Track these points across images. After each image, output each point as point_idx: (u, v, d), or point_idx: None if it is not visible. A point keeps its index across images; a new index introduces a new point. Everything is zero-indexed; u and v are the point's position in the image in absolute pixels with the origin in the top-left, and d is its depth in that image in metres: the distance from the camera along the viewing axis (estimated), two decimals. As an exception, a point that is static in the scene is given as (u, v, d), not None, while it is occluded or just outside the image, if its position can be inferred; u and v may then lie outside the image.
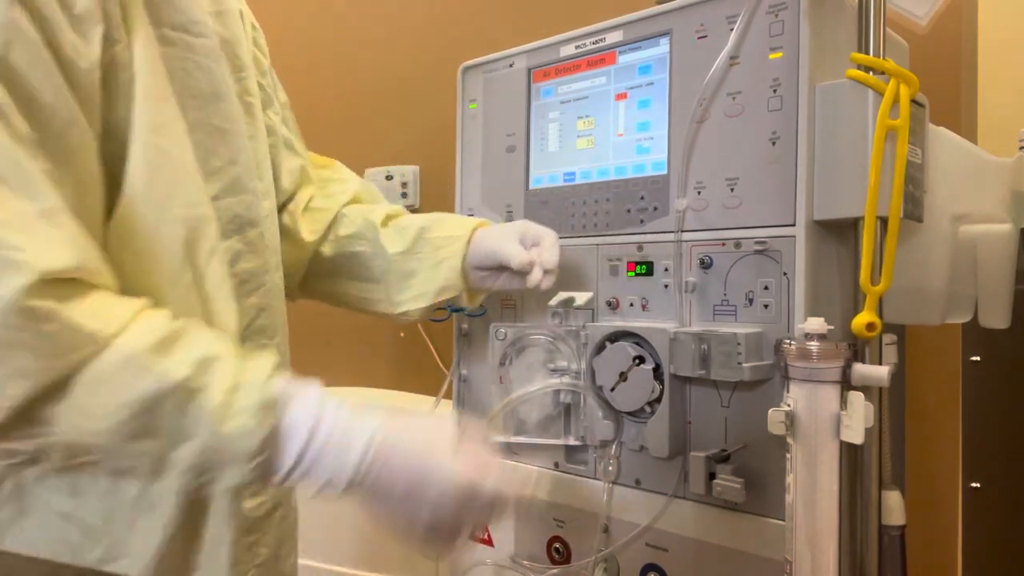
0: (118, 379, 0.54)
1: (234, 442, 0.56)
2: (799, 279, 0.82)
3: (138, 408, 0.54)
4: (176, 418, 0.55)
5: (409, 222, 0.98)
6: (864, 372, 0.73)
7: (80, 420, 0.54)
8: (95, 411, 0.54)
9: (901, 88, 0.78)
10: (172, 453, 0.56)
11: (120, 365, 0.54)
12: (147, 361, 0.55)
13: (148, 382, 0.55)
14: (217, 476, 0.58)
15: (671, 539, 0.92)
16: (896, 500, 0.84)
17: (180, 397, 0.55)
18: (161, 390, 0.55)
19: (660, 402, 0.90)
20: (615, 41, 1.00)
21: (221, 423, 0.56)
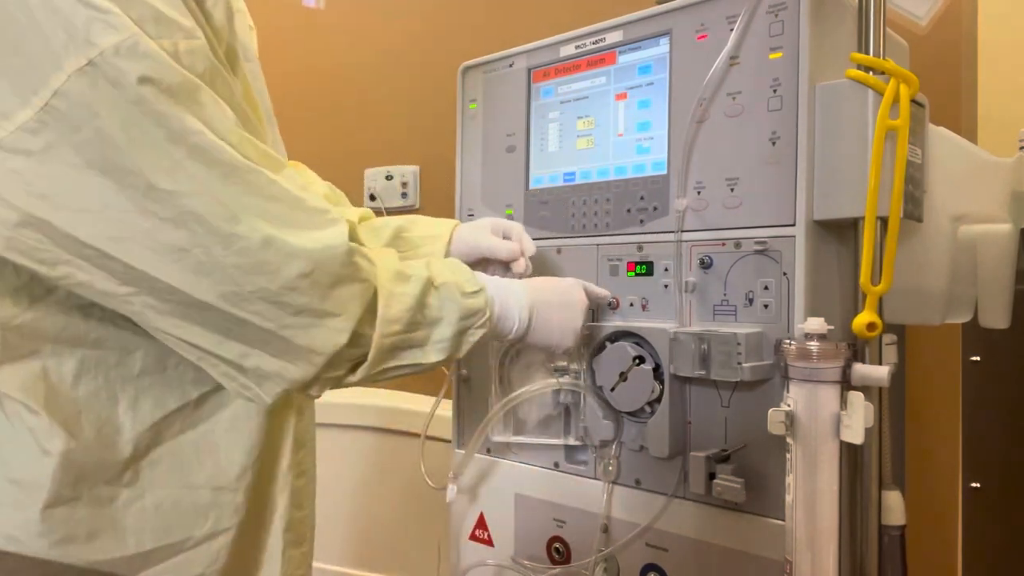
0: (397, 289, 0.70)
1: (475, 299, 0.75)
2: (799, 279, 0.82)
3: (415, 304, 0.71)
4: (434, 306, 0.73)
5: (382, 223, 1.03)
6: (864, 372, 0.73)
7: (385, 327, 0.68)
8: (392, 316, 0.69)
9: (901, 88, 0.78)
10: (436, 333, 0.73)
11: (395, 278, 0.70)
12: (406, 271, 0.72)
13: (416, 283, 0.72)
14: (468, 338, 0.75)
15: (671, 539, 0.92)
16: (896, 500, 0.84)
17: (431, 288, 0.73)
18: (423, 288, 0.72)
19: (660, 402, 0.90)
20: (615, 41, 1.00)
21: (464, 289, 0.75)
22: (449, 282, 0.74)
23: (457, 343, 0.74)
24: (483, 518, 1.13)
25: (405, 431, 1.57)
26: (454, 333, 0.73)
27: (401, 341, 0.70)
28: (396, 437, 1.61)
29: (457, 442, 1.17)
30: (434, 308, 0.73)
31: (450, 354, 0.74)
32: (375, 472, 1.68)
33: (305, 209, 0.63)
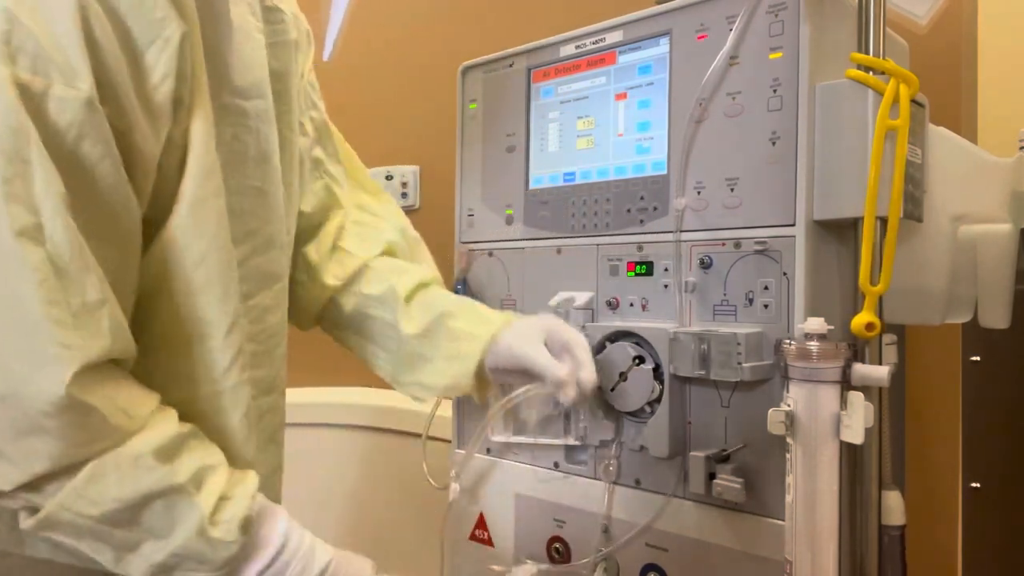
0: (123, 473, 0.58)
1: (213, 548, 0.60)
2: (799, 279, 0.82)
3: (132, 502, 0.58)
4: (162, 516, 0.59)
5: (435, 300, 0.91)
6: (864, 372, 0.73)
7: (74, 502, 0.57)
8: (92, 497, 0.57)
9: (901, 88, 0.78)
10: (144, 546, 0.59)
11: (129, 462, 0.58)
12: (152, 462, 0.59)
13: (149, 481, 0.58)
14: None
15: (671, 539, 0.92)
16: (896, 500, 0.84)
17: (172, 499, 0.59)
18: (158, 490, 0.58)
19: (660, 402, 0.90)
20: (615, 41, 1.00)
21: (207, 529, 0.60)
22: (198, 504, 0.59)
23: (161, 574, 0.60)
24: (483, 518, 1.13)
25: (404, 431, 1.57)
26: (162, 563, 0.60)
27: (91, 528, 0.58)
28: (395, 437, 1.61)
29: (457, 442, 1.17)
30: (162, 520, 0.59)
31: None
32: (374, 472, 1.68)
33: (38, 335, 0.53)
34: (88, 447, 0.56)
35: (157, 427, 0.60)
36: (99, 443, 0.57)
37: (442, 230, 1.29)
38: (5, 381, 0.53)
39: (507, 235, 1.11)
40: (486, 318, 0.89)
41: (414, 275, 0.92)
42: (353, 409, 1.65)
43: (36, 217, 0.53)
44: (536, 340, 0.84)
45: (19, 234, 0.52)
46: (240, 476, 0.64)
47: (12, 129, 0.52)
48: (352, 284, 0.92)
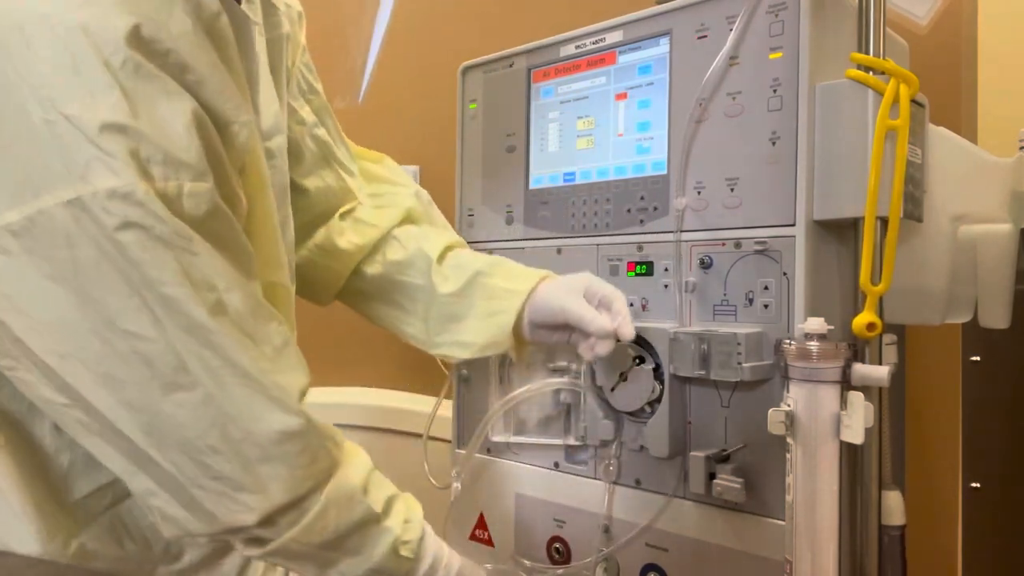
0: (341, 507, 0.66)
1: (399, 564, 0.70)
2: (799, 279, 0.82)
3: (345, 531, 0.67)
4: (362, 539, 0.68)
5: (468, 260, 0.93)
6: (864, 372, 0.73)
7: (304, 535, 0.64)
8: (317, 528, 0.65)
9: (901, 88, 0.78)
10: (342, 563, 0.68)
11: (346, 497, 0.67)
12: (361, 496, 0.68)
13: (359, 512, 0.67)
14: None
15: (671, 539, 0.92)
16: (896, 500, 0.84)
17: (372, 526, 0.68)
18: (365, 520, 0.68)
19: (660, 402, 0.90)
20: (615, 41, 1.00)
21: (398, 549, 0.70)
22: (392, 529, 0.70)
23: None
24: (483, 518, 1.13)
25: (404, 431, 1.57)
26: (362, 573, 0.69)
27: (308, 551, 0.66)
28: (395, 437, 1.61)
29: (457, 442, 1.17)
30: (361, 543, 0.69)
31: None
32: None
33: (256, 385, 0.61)
34: (316, 476, 0.64)
35: (355, 461, 0.69)
36: (322, 473, 0.65)
37: (442, 230, 1.29)
38: (238, 425, 0.60)
39: (507, 235, 1.11)
40: (523, 274, 0.91)
41: (441, 238, 0.96)
42: (353, 409, 1.65)
43: (216, 294, 0.59)
44: (576, 293, 0.86)
45: (211, 313, 0.58)
46: (410, 500, 0.74)
47: (173, 233, 0.57)
48: (375, 253, 0.96)
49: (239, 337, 0.60)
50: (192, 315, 0.58)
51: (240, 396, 0.60)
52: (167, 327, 0.57)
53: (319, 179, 0.94)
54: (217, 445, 0.59)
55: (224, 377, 0.59)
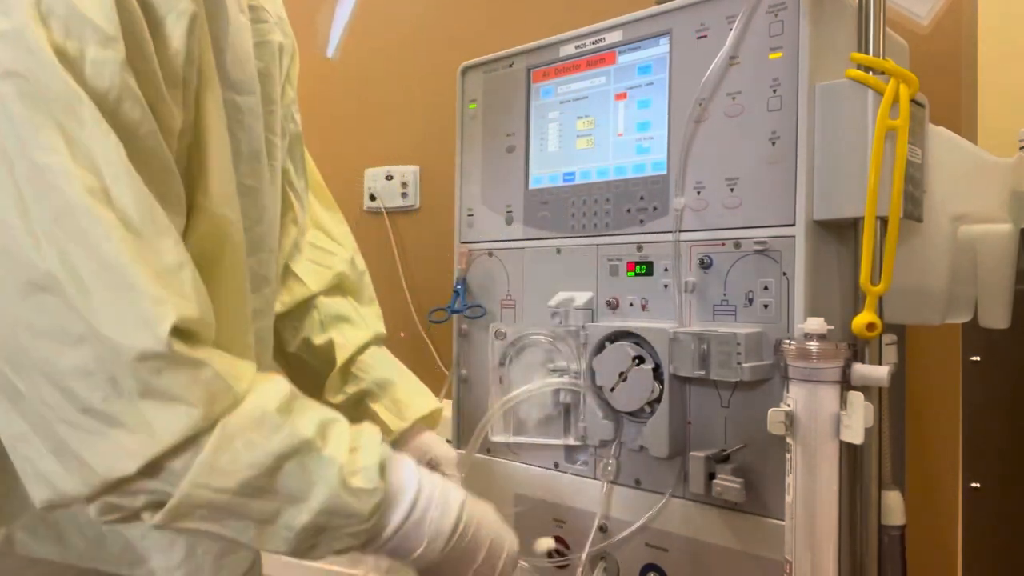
0: (251, 436, 0.54)
1: (357, 499, 0.57)
2: (799, 279, 0.82)
3: (267, 466, 0.54)
4: (297, 478, 0.55)
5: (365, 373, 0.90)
6: (864, 372, 0.73)
7: (206, 476, 0.52)
8: (224, 467, 0.53)
9: (901, 88, 0.78)
10: (284, 514, 0.55)
11: (254, 423, 0.54)
12: (278, 420, 0.55)
13: (279, 439, 0.54)
14: (326, 539, 0.57)
15: (671, 539, 0.92)
16: (896, 500, 0.84)
17: (305, 456, 0.55)
18: (291, 447, 0.55)
19: (660, 402, 0.90)
20: (615, 41, 1.00)
21: (347, 480, 0.56)
22: (334, 458, 0.56)
23: (309, 541, 0.57)
24: (483, 518, 1.13)
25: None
26: (307, 525, 0.55)
27: (229, 504, 0.53)
28: (396, 437, 1.61)
29: (457, 442, 1.17)
30: (298, 481, 0.55)
31: (293, 550, 0.57)
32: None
33: (133, 287, 0.50)
34: (210, 407, 0.52)
35: (268, 386, 0.57)
36: (219, 404, 0.53)
37: (442, 230, 1.29)
38: (104, 345, 0.49)
39: (507, 235, 1.11)
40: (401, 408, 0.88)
41: (353, 337, 0.91)
42: (353, 409, 1.65)
43: (99, 180, 0.50)
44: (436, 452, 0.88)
45: (89, 194, 0.50)
46: (360, 427, 0.61)
47: (61, 92, 0.49)
48: (297, 320, 0.92)
49: (119, 234, 0.50)
50: (65, 193, 0.49)
51: (109, 307, 0.50)
52: (32, 210, 0.49)
53: None
54: (84, 365, 0.49)
55: (91, 281, 0.49)
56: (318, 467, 0.55)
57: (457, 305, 1.14)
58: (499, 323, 1.07)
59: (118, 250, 0.50)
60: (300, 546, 0.56)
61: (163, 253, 0.53)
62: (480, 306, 1.13)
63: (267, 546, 0.56)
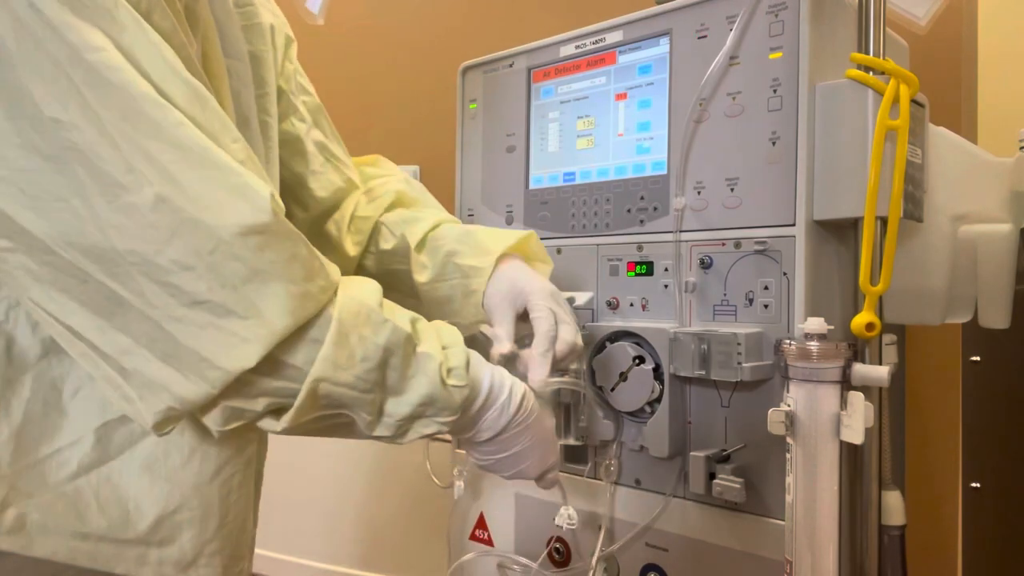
0: (362, 331, 0.56)
1: (450, 394, 0.61)
2: (799, 279, 0.82)
3: (379, 359, 0.57)
4: (400, 371, 0.59)
5: (442, 240, 0.90)
6: (864, 372, 0.73)
7: (330, 371, 0.54)
8: (343, 362, 0.55)
9: (901, 88, 0.78)
10: (389, 404, 0.59)
11: (363, 318, 0.56)
12: (382, 315, 0.58)
13: (385, 334, 0.57)
14: (419, 425, 0.61)
15: (671, 539, 0.92)
16: (896, 500, 0.84)
17: (407, 350, 0.59)
18: (396, 342, 0.58)
19: (660, 402, 0.90)
20: (615, 41, 1.00)
21: (444, 377, 0.61)
22: (433, 355, 0.60)
23: (404, 427, 0.61)
24: (483, 518, 1.13)
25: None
26: (408, 415, 0.60)
27: (345, 396, 0.56)
28: (396, 437, 1.61)
29: (457, 443, 1.17)
30: (400, 373, 0.59)
31: (390, 435, 0.61)
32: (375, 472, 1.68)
33: (221, 169, 0.50)
34: (307, 284, 0.53)
35: (359, 281, 0.60)
36: (315, 283, 0.54)
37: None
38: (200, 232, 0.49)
39: (507, 235, 1.11)
40: (486, 246, 0.87)
41: (425, 220, 0.91)
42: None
43: (150, 80, 0.50)
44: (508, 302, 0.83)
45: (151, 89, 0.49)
46: (439, 324, 0.65)
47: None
48: (370, 244, 0.94)
49: (186, 121, 0.50)
50: (128, 89, 0.48)
51: (198, 190, 0.49)
52: (100, 112, 0.48)
53: (324, 177, 0.92)
54: (183, 259, 0.49)
55: (174, 168, 0.49)
56: (418, 361, 0.59)
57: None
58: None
59: (194, 134, 0.50)
60: (396, 432, 0.61)
61: (230, 147, 0.53)
62: (480, 306, 1.13)
63: (376, 432, 0.60)
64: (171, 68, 0.51)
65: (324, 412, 0.57)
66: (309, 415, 0.56)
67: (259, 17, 0.78)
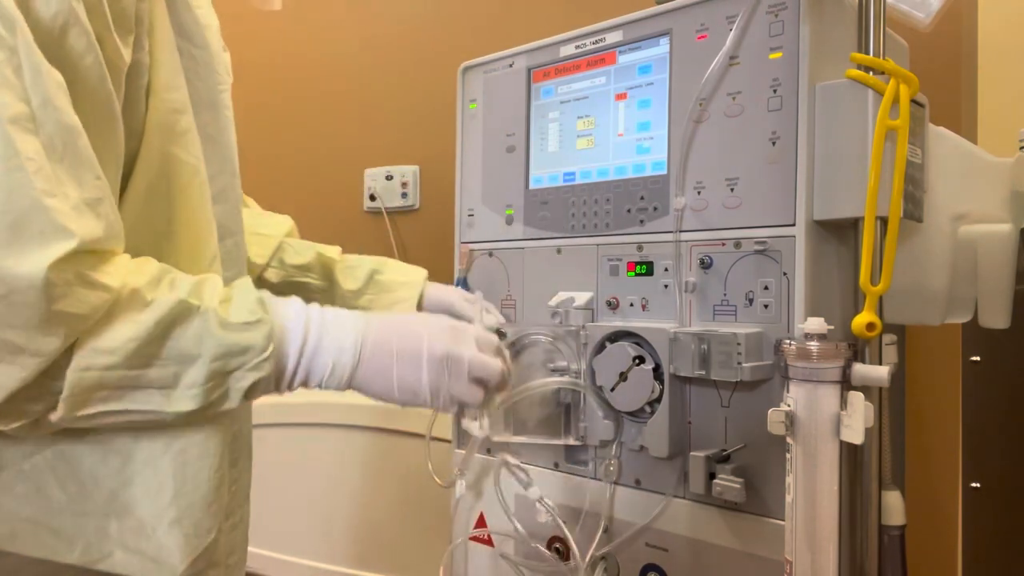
0: (126, 315, 0.57)
1: (245, 332, 0.60)
2: (799, 279, 0.82)
3: (151, 334, 0.57)
4: (184, 338, 0.59)
5: (357, 262, 1.03)
6: (864, 372, 0.73)
7: (92, 358, 0.56)
8: (106, 346, 0.56)
9: (901, 88, 0.78)
10: (185, 375, 0.59)
11: (125, 304, 0.57)
12: (148, 296, 0.58)
13: (155, 308, 0.58)
14: (233, 382, 0.61)
15: (671, 539, 0.92)
16: (896, 500, 0.84)
17: (185, 315, 0.59)
18: (169, 312, 0.58)
19: (660, 402, 0.90)
20: (615, 41, 1.00)
21: (226, 319, 0.60)
22: (209, 307, 0.60)
23: (216, 389, 0.60)
24: (483, 518, 1.13)
25: (405, 431, 1.57)
26: (208, 375, 0.59)
27: (124, 379, 0.57)
28: (395, 437, 1.61)
29: (457, 442, 1.17)
30: (185, 340, 0.59)
31: (205, 402, 0.60)
32: (374, 472, 1.68)
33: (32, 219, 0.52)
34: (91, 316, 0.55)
35: (143, 268, 0.60)
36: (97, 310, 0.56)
37: (442, 230, 1.29)
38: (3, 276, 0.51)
39: (507, 235, 1.11)
40: (408, 269, 1.04)
41: (329, 248, 1.04)
42: (354, 409, 1.65)
43: (27, 106, 0.52)
44: (458, 294, 1.03)
45: (11, 122, 0.51)
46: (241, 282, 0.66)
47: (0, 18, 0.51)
48: (272, 259, 1.02)
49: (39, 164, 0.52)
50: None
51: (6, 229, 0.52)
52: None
53: None
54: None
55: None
56: (199, 321, 0.59)
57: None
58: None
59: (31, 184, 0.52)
60: (210, 398, 0.60)
61: (84, 185, 0.55)
62: (480, 306, 1.13)
63: (178, 407, 0.59)
64: (52, 96, 0.54)
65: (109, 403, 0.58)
66: (89, 406, 0.57)
67: (211, 19, 0.80)
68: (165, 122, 0.66)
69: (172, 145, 0.67)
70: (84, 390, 0.56)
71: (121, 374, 0.57)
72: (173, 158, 0.67)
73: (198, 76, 0.72)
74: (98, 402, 0.57)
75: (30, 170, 0.52)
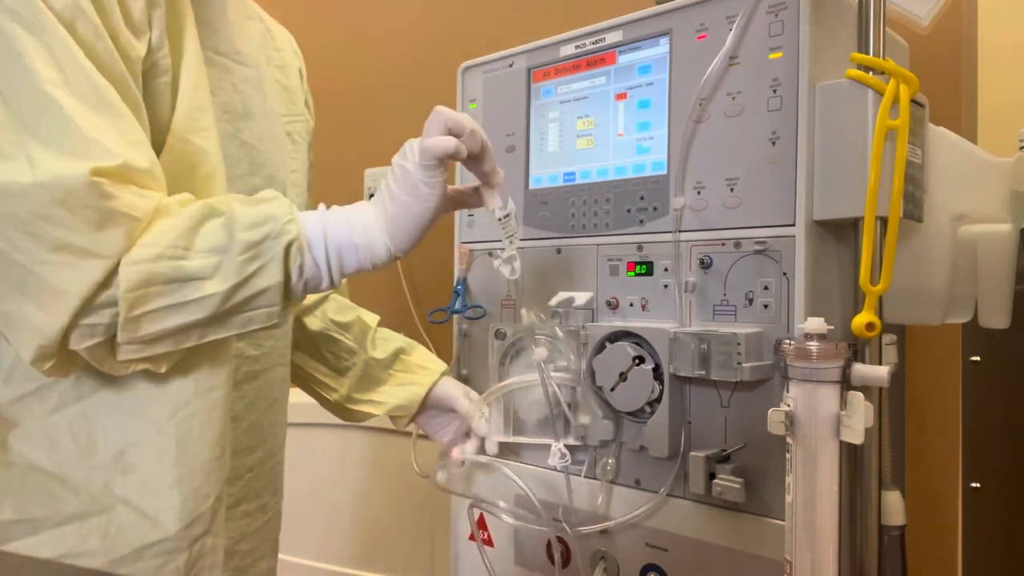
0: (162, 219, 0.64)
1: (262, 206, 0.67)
2: (799, 279, 0.82)
3: (187, 227, 0.64)
4: (216, 231, 0.65)
5: (390, 336, 1.09)
6: (864, 372, 0.73)
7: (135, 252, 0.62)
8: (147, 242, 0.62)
9: (901, 88, 0.78)
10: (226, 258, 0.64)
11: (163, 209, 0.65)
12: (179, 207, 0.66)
13: (191, 209, 0.65)
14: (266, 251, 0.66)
15: (671, 539, 0.92)
16: (896, 500, 0.84)
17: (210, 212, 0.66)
18: (201, 211, 0.65)
19: (660, 402, 0.90)
20: (615, 41, 1.00)
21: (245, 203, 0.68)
22: (234, 206, 0.67)
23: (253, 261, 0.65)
24: (483, 518, 1.13)
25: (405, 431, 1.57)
26: (242, 247, 0.65)
27: (168, 271, 0.63)
28: (395, 437, 1.61)
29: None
30: (215, 232, 0.65)
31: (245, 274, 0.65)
32: (374, 472, 1.68)
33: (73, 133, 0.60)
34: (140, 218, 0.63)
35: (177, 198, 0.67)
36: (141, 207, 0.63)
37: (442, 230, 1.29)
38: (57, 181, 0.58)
39: (507, 235, 1.11)
40: (434, 360, 1.09)
41: (369, 315, 1.09)
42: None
43: (61, 72, 0.60)
44: (461, 392, 1.06)
45: (50, 82, 0.59)
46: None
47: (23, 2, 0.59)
48: (316, 308, 1.05)
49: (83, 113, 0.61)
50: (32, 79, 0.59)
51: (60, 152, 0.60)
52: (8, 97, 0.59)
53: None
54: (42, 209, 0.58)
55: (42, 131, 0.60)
56: (226, 216, 0.65)
57: (457, 305, 1.14)
58: (499, 323, 1.06)
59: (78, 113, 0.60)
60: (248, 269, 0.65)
61: (126, 129, 0.63)
62: (480, 306, 1.13)
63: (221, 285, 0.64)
64: (80, 65, 0.61)
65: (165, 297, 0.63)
66: (149, 302, 0.62)
67: (288, 60, 0.96)
68: (191, 115, 0.72)
69: (195, 136, 0.73)
70: (136, 284, 0.61)
71: (165, 264, 0.62)
72: (197, 148, 0.73)
73: (234, 88, 0.81)
74: (154, 298, 0.62)
75: (74, 117, 0.60)
